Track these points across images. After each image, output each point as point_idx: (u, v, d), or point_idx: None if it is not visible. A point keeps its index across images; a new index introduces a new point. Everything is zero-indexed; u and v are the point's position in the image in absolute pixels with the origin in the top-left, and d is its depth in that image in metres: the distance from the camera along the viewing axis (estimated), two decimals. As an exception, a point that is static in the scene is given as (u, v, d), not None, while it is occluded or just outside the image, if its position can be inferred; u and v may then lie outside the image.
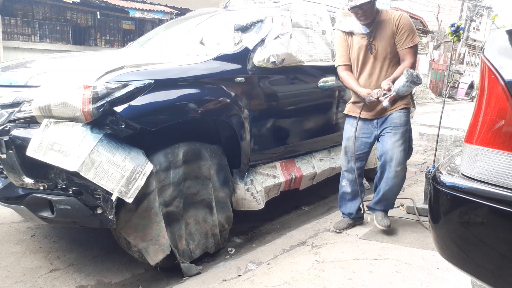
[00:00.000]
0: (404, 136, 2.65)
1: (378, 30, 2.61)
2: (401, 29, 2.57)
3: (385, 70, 2.65)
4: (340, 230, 2.77)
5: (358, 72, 2.73)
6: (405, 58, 2.60)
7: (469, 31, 26.57)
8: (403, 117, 2.66)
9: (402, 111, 2.66)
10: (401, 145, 2.62)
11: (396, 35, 2.58)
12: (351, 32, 2.69)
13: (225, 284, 2.09)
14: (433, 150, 3.63)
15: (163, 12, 10.48)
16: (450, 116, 10.18)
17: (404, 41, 2.57)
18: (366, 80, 2.69)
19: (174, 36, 3.34)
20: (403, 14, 2.62)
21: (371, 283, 2.08)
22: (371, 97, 2.58)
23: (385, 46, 2.61)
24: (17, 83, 2.13)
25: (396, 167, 2.61)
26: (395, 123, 2.64)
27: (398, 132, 2.62)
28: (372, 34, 2.62)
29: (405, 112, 2.67)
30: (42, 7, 9.64)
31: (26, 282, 2.24)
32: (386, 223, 2.71)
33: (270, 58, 2.59)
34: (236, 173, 2.67)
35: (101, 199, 1.91)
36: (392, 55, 2.63)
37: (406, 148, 2.68)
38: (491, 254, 1.20)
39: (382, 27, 2.60)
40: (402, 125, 2.64)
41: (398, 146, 2.61)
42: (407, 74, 2.44)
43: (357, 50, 2.68)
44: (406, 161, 2.70)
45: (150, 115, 2.05)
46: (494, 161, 1.18)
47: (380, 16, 2.62)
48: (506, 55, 1.20)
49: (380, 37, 2.61)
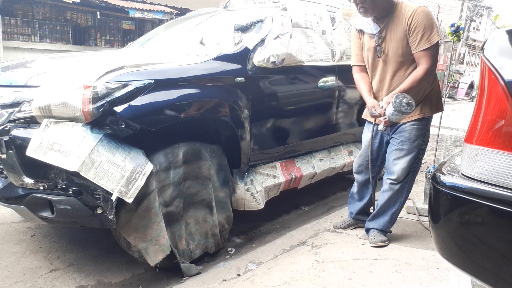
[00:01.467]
0: (411, 152, 2.38)
1: (389, 30, 2.28)
2: (414, 28, 2.17)
3: (400, 75, 2.33)
4: (337, 229, 2.76)
5: (370, 75, 2.50)
6: (419, 62, 2.23)
7: (469, 31, 26.57)
8: (414, 131, 2.36)
9: (416, 123, 2.35)
10: (404, 162, 2.40)
11: (409, 35, 2.21)
12: (362, 31, 2.43)
13: (225, 284, 2.09)
14: (433, 150, 3.63)
15: (163, 12, 10.49)
16: (450, 116, 10.18)
17: (419, 43, 2.19)
18: (378, 85, 2.44)
19: (174, 36, 3.34)
20: (419, 9, 2.19)
21: (371, 283, 2.08)
22: (374, 111, 2.33)
23: (396, 49, 2.28)
24: (17, 83, 2.13)
25: (392, 181, 2.46)
26: (404, 137, 2.38)
27: (404, 149, 2.39)
28: (381, 35, 2.31)
29: (418, 124, 2.36)
30: (42, 7, 9.66)
31: (26, 282, 2.24)
32: (380, 238, 2.53)
33: (270, 58, 2.59)
34: (236, 173, 2.67)
35: (101, 199, 1.91)
36: (406, 57, 2.28)
37: (410, 166, 2.41)
38: (491, 254, 1.20)
39: (394, 25, 2.25)
40: (411, 140, 2.37)
41: (400, 163, 2.41)
42: (394, 103, 2.14)
43: (367, 52, 2.44)
44: (407, 178, 2.46)
45: (150, 115, 2.05)
46: (494, 161, 1.18)
47: (395, 11, 2.25)
48: (506, 55, 1.20)
49: (390, 38, 2.28)
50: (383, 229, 2.56)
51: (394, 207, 2.54)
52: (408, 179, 2.48)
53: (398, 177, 2.45)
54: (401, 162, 2.42)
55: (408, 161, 2.41)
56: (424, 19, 2.16)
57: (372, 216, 2.63)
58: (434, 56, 2.21)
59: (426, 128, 2.43)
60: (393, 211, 2.54)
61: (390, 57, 2.33)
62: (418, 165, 2.50)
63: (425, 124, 2.40)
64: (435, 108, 2.42)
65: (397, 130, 2.42)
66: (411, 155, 2.40)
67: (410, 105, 2.14)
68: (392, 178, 2.47)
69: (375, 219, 2.59)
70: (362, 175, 2.68)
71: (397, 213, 2.57)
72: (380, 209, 2.56)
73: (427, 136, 2.45)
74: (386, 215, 2.55)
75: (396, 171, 2.45)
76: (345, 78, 3.24)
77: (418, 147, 2.41)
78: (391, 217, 2.55)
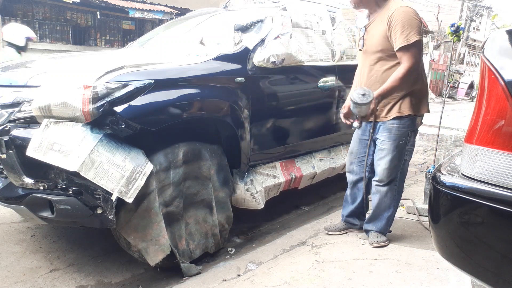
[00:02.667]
0: (392, 152, 2.34)
1: (373, 24, 2.31)
2: (394, 25, 2.17)
3: (376, 69, 2.33)
4: (329, 232, 2.72)
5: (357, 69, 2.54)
6: (401, 61, 2.21)
7: (469, 31, 26.57)
8: (394, 130, 2.32)
9: (396, 122, 2.31)
10: (386, 163, 2.36)
11: (389, 32, 2.21)
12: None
13: (225, 284, 2.09)
14: (433, 150, 3.64)
15: (163, 12, 10.49)
16: (450, 116, 10.18)
17: (397, 40, 2.17)
18: (359, 78, 2.47)
19: (174, 36, 3.34)
20: (402, 8, 2.19)
21: (371, 283, 2.08)
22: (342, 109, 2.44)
23: (375, 44, 2.29)
24: (17, 83, 2.13)
25: (377, 183, 2.44)
26: (384, 136, 2.36)
27: (385, 149, 2.36)
28: (366, 29, 2.36)
29: (398, 123, 2.31)
30: (42, 7, 9.65)
31: (26, 282, 2.24)
32: (380, 239, 2.52)
33: (270, 58, 2.59)
34: (236, 173, 2.67)
35: (101, 199, 1.91)
36: (384, 53, 2.28)
37: (393, 167, 2.37)
38: (491, 254, 1.20)
39: (378, 21, 2.28)
40: (391, 139, 2.33)
41: (381, 163, 2.38)
42: (351, 95, 2.17)
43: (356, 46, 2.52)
44: (394, 182, 2.42)
45: (150, 115, 2.05)
46: (494, 161, 1.18)
47: (384, 8, 2.28)
48: (506, 55, 1.19)
49: (372, 32, 2.32)
50: (381, 232, 2.55)
51: (388, 212, 2.50)
52: (396, 182, 2.45)
53: (381, 178, 2.42)
54: (383, 163, 2.39)
55: (389, 161, 2.36)
56: (403, 17, 2.15)
57: (368, 219, 2.61)
58: (415, 56, 2.17)
59: (410, 128, 2.35)
60: (388, 215, 2.51)
61: (369, 51, 2.35)
62: (405, 167, 2.48)
63: (407, 124, 2.33)
64: (417, 108, 2.33)
65: (379, 129, 2.39)
66: (391, 155, 2.35)
67: (365, 96, 2.14)
68: (376, 179, 2.46)
69: (372, 222, 2.57)
70: (354, 174, 2.64)
71: (392, 216, 2.55)
72: (374, 213, 2.54)
73: (411, 137, 2.39)
74: (382, 219, 2.52)
75: (378, 172, 2.43)
76: (345, 78, 3.24)
77: (400, 147, 2.35)
78: (387, 220, 2.52)
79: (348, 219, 2.73)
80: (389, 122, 2.34)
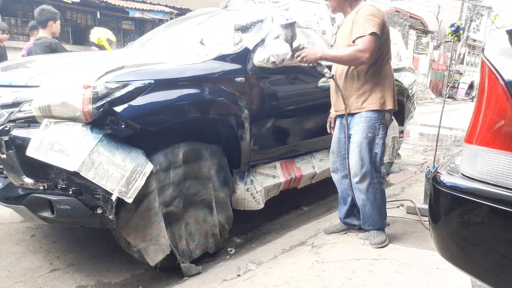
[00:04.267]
0: (360, 143, 2.43)
1: (344, 23, 2.47)
2: (356, 21, 2.31)
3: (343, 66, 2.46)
4: (328, 233, 2.72)
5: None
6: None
7: (469, 31, 26.56)
8: (361, 123, 2.43)
9: (364, 115, 2.43)
10: (357, 155, 2.44)
11: (353, 27, 2.34)
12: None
13: (225, 284, 2.09)
14: (433, 150, 3.64)
15: (163, 12, 10.49)
16: (450, 116, 10.19)
17: (355, 32, 2.30)
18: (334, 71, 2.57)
19: (174, 36, 3.34)
20: (365, 7, 2.35)
21: (371, 283, 2.08)
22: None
23: (344, 39, 2.43)
24: (17, 83, 2.13)
25: (354, 179, 2.50)
26: (354, 129, 2.47)
27: (355, 141, 2.46)
28: (338, 27, 2.54)
29: (366, 116, 2.42)
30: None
31: (26, 282, 2.24)
32: (380, 239, 2.52)
33: (270, 58, 2.59)
34: (236, 173, 2.67)
35: (101, 199, 1.91)
36: None
37: (363, 159, 2.43)
38: (491, 254, 1.20)
39: (348, 20, 2.41)
40: (359, 131, 2.43)
41: (353, 156, 2.47)
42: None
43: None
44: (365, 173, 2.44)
45: (150, 115, 2.05)
46: (494, 161, 1.18)
47: (354, 9, 2.41)
48: (506, 55, 1.19)
49: (342, 30, 2.47)
50: (378, 227, 2.55)
51: (375, 208, 2.51)
52: (372, 176, 2.46)
53: (355, 171, 2.48)
54: (354, 155, 2.47)
55: (359, 153, 2.44)
56: (364, 14, 2.30)
57: (361, 219, 2.61)
58: (369, 43, 2.25)
59: (378, 121, 2.43)
60: (377, 210, 2.51)
61: (338, 46, 2.49)
62: (377, 160, 2.49)
63: (374, 117, 2.42)
64: (381, 104, 2.42)
65: (350, 125, 2.51)
66: (361, 147, 2.44)
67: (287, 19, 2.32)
68: (351, 175, 2.52)
69: (366, 222, 2.57)
70: (338, 172, 2.69)
71: (383, 209, 2.56)
72: (363, 213, 2.56)
73: (380, 130, 2.45)
74: (373, 215, 2.52)
75: (351, 165, 2.50)
76: (345, 78, 3.23)
77: (368, 139, 2.43)
78: (379, 215, 2.53)
79: (346, 221, 2.75)
80: (358, 115, 2.46)
